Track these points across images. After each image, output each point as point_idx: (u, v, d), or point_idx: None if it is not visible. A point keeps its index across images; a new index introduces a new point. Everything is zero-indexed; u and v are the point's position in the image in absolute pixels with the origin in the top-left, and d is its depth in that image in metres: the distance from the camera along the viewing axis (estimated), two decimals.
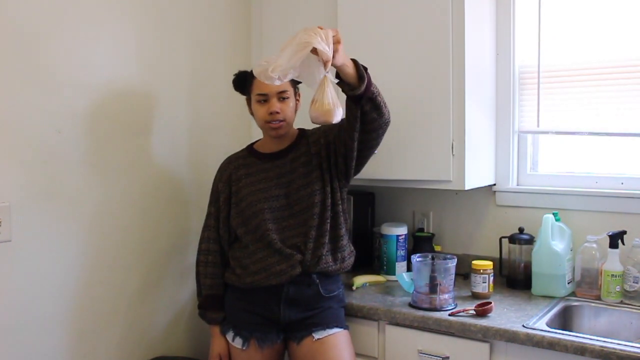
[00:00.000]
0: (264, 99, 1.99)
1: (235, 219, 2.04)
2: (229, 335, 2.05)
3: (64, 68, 1.98)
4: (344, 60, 1.70)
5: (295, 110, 2.06)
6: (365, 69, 1.78)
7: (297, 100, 2.06)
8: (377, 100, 1.81)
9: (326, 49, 1.62)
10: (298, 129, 2.12)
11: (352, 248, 2.11)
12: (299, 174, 2.02)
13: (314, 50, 1.62)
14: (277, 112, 1.98)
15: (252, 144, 2.17)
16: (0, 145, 1.82)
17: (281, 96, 1.99)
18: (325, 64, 1.63)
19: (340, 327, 1.99)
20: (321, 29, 1.64)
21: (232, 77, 2.13)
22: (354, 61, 1.76)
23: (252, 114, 2.08)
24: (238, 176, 2.07)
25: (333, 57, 1.64)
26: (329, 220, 1.99)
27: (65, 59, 1.98)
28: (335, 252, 2.02)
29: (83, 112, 2.04)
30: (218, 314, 2.08)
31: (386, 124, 1.90)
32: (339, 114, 1.72)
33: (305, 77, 1.72)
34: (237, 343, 2.01)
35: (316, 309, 1.99)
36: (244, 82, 2.09)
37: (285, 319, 1.98)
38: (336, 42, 1.66)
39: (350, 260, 2.07)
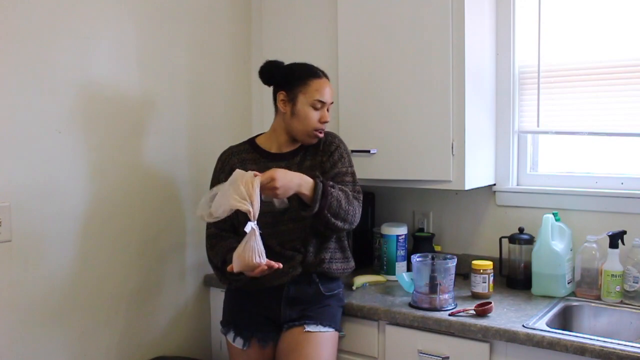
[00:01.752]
0: (321, 106, 1.98)
1: (236, 218, 1.96)
2: (230, 336, 2.04)
3: (64, 68, 1.98)
4: (284, 194, 1.80)
5: None
6: (326, 194, 1.85)
7: None
8: (330, 222, 1.88)
9: (248, 208, 1.69)
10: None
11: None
12: None
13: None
14: (327, 122, 1.99)
15: (253, 138, 2.12)
16: (0, 145, 1.83)
17: (329, 107, 2.02)
18: (250, 216, 1.70)
19: (333, 328, 1.98)
20: (249, 180, 1.72)
21: (231, 78, 2.12)
22: (316, 183, 1.85)
23: (286, 111, 2.00)
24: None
25: (274, 196, 1.78)
26: None
27: (65, 59, 1.98)
28: (339, 254, 2.04)
29: (83, 112, 2.05)
30: None
31: (349, 229, 1.98)
32: (260, 266, 1.73)
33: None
34: (238, 343, 2.01)
35: (315, 305, 1.99)
36: (289, 75, 2.00)
37: (286, 318, 1.98)
38: (270, 189, 1.76)
39: (352, 262, 2.09)
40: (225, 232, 2.01)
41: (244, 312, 2.03)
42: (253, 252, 1.71)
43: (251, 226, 1.71)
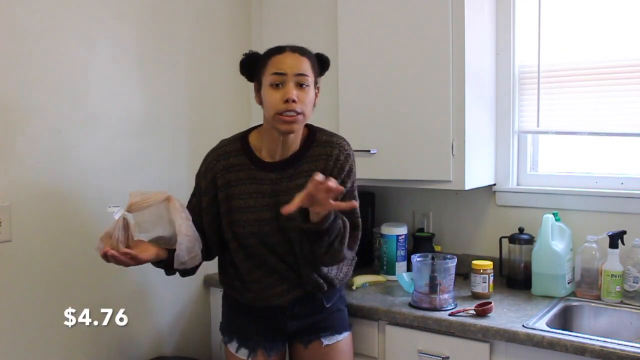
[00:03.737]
0: (280, 81, 1.63)
1: (226, 232, 1.80)
2: (232, 346, 1.90)
3: (64, 68, 1.98)
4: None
5: (314, 106, 1.75)
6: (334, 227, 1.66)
7: (316, 93, 1.75)
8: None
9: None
10: (313, 128, 1.85)
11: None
12: (292, 197, 1.61)
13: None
14: (294, 101, 1.61)
15: (248, 133, 1.83)
16: (0, 145, 1.83)
17: (300, 81, 1.64)
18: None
19: (347, 331, 1.94)
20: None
21: (231, 78, 2.09)
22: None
23: (260, 103, 1.75)
24: (226, 180, 1.78)
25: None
26: None
27: (65, 58, 1.98)
28: (336, 268, 1.90)
29: (83, 112, 2.04)
30: None
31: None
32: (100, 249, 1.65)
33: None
34: (242, 354, 1.88)
35: (322, 314, 1.90)
36: (254, 63, 1.73)
37: (293, 328, 1.89)
38: None
39: (351, 269, 1.98)
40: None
41: (247, 322, 1.89)
42: (108, 235, 1.61)
43: (121, 212, 1.61)
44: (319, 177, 1.48)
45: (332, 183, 1.49)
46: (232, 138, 1.86)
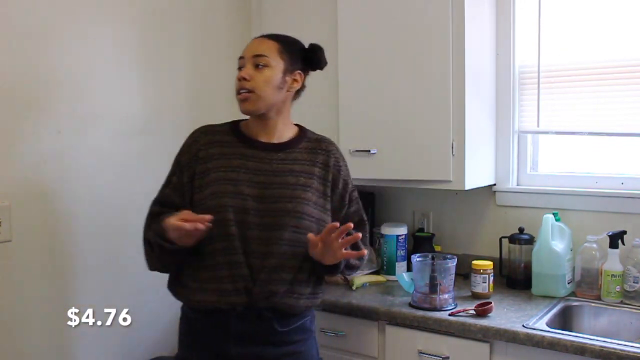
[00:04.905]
0: (242, 64, 1.66)
1: (196, 209, 1.60)
2: None
3: (64, 68, 1.98)
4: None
5: (287, 94, 1.68)
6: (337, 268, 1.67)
7: (294, 79, 1.68)
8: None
9: None
10: (303, 127, 1.80)
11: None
12: (284, 182, 1.63)
13: None
14: (245, 78, 1.61)
15: (238, 121, 1.78)
16: (0, 145, 1.83)
17: (256, 62, 1.62)
18: None
19: None
20: None
21: (231, 78, 2.07)
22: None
23: None
24: (209, 154, 1.67)
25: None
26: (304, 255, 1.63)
27: (65, 58, 1.98)
28: (307, 288, 1.67)
29: (83, 112, 2.04)
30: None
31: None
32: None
33: None
34: None
35: (277, 346, 1.63)
36: None
37: (240, 356, 1.62)
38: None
39: (321, 298, 1.77)
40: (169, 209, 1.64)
41: (191, 349, 1.69)
42: None
43: None
44: (335, 224, 1.51)
45: (345, 230, 1.50)
46: (220, 123, 1.80)
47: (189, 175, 1.68)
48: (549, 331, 1.79)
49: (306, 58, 1.73)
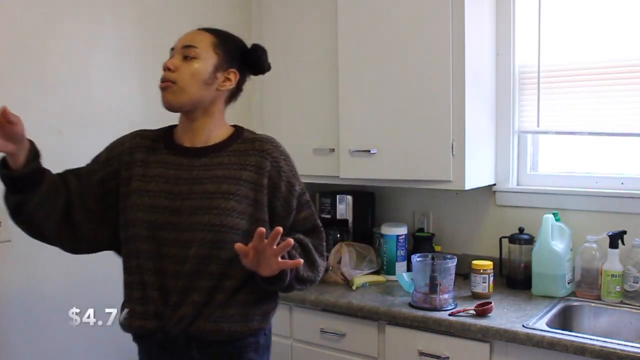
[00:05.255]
0: (171, 56, 1.52)
1: (120, 219, 1.49)
2: None
3: (64, 68, 1.98)
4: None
5: (218, 93, 1.50)
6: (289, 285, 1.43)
7: (225, 78, 1.50)
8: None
9: None
10: (240, 127, 1.58)
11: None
12: (203, 191, 1.43)
13: None
14: (169, 69, 1.46)
15: (176, 125, 1.60)
16: None
17: (185, 53, 1.47)
18: None
19: None
20: None
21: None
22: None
23: None
24: (133, 160, 1.51)
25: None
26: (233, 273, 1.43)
27: (65, 59, 1.98)
28: (236, 309, 1.45)
29: (83, 112, 2.04)
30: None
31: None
32: None
33: None
34: None
35: None
36: None
37: None
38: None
39: (255, 323, 1.49)
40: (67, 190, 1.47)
41: None
42: None
43: None
44: (262, 229, 1.29)
45: (276, 235, 1.29)
46: (158, 128, 1.63)
47: (101, 175, 1.51)
48: (549, 331, 1.79)
49: (245, 58, 1.56)
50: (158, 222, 1.43)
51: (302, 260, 1.40)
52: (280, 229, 1.29)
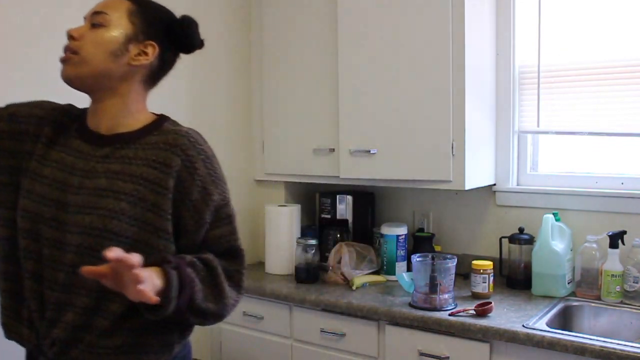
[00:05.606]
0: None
1: (19, 203, 1.24)
2: None
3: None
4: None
5: (128, 69, 1.25)
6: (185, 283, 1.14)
7: (141, 51, 1.26)
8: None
9: None
10: (164, 117, 1.34)
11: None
12: (95, 186, 1.19)
13: None
14: (73, 37, 1.23)
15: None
16: None
17: (93, 20, 1.24)
18: None
19: None
20: None
21: (231, 79, 2.04)
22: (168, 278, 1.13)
23: None
24: (44, 133, 1.28)
25: None
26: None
27: None
28: (152, 338, 1.22)
29: None
30: None
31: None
32: None
33: None
34: None
35: None
36: None
37: None
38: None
39: (177, 349, 1.27)
40: None
41: None
42: None
43: None
44: (112, 254, 1.02)
45: (135, 259, 1.03)
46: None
47: (13, 133, 1.29)
48: (549, 331, 1.79)
49: (171, 31, 1.32)
50: (43, 216, 1.20)
51: (156, 299, 1.06)
52: (135, 258, 1.03)
